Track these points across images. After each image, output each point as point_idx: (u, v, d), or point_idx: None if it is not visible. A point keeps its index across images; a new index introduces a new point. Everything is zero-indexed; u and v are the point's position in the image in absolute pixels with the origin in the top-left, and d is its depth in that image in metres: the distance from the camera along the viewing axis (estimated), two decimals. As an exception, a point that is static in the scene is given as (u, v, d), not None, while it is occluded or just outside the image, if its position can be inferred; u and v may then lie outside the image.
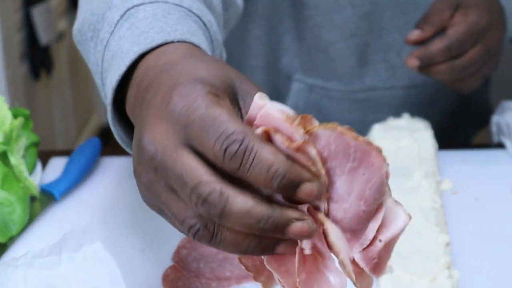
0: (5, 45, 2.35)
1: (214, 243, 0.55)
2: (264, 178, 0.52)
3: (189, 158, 0.55)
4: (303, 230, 0.53)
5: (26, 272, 0.81)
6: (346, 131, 0.55)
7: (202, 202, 0.53)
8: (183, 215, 0.56)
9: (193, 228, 0.55)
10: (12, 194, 0.95)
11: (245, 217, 0.52)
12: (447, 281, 0.78)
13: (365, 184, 0.55)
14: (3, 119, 1.01)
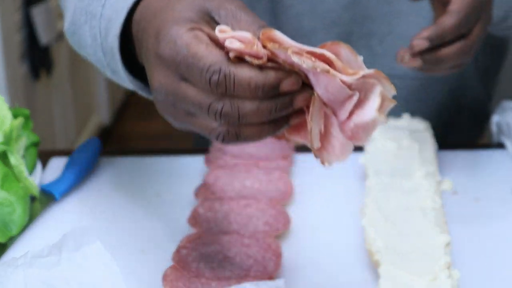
0: (5, 45, 2.35)
1: (241, 140, 0.68)
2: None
3: (189, 88, 0.68)
4: (293, 83, 0.66)
5: (26, 272, 0.81)
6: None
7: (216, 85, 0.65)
8: (209, 129, 0.68)
9: (220, 136, 0.68)
10: (12, 194, 0.95)
11: (249, 85, 0.65)
12: (447, 281, 0.79)
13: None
14: (3, 119, 1.01)
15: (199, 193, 1.00)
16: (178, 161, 1.14)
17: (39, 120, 2.70)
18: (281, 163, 1.07)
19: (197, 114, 0.69)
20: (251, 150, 1.09)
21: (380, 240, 0.85)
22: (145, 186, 1.07)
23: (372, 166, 1.01)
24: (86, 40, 0.88)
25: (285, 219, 0.93)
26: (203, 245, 0.87)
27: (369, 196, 0.94)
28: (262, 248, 0.86)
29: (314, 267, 0.88)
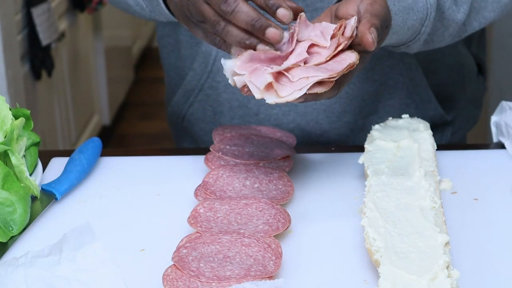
0: (6, 45, 2.35)
1: (223, 32, 0.93)
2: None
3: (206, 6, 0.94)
4: (276, 34, 0.91)
5: (27, 271, 0.81)
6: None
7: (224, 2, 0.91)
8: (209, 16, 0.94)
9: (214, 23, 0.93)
10: (13, 194, 0.95)
11: (245, 14, 0.91)
12: (447, 281, 0.79)
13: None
14: (4, 119, 1.01)
15: (199, 193, 1.01)
16: (178, 161, 1.14)
17: (40, 120, 2.70)
18: (281, 163, 1.07)
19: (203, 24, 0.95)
20: (251, 150, 1.10)
21: (380, 240, 0.85)
22: (145, 186, 1.07)
23: (371, 165, 1.01)
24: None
25: (285, 219, 0.93)
26: (203, 245, 0.87)
27: (368, 196, 0.94)
28: (262, 248, 0.87)
29: (314, 267, 0.88)
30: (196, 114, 1.30)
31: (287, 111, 1.24)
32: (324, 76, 0.89)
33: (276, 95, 0.89)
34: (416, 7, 1.05)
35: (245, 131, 1.15)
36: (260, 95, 0.90)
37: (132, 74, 4.50)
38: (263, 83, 0.90)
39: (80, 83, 3.30)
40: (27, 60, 2.62)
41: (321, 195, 1.04)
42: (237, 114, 1.26)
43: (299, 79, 0.90)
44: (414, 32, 1.07)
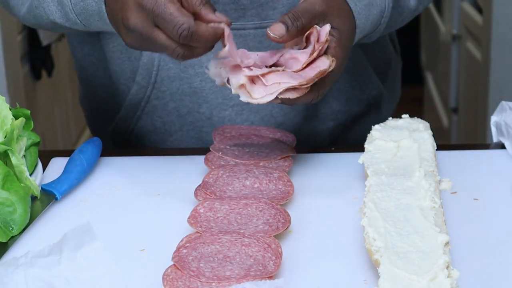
0: (6, 45, 2.35)
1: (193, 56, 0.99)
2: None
3: (160, 33, 0.97)
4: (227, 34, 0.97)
5: (27, 271, 0.81)
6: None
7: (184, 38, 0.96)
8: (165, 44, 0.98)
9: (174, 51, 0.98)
10: (13, 194, 0.95)
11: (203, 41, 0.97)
12: (447, 281, 0.79)
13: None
14: (4, 119, 1.01)
15: (199, 193, 1.01)
16: (178, 161, 1.14)
17: (40, 120, 2.70)
18: (281, 163, 1.07)
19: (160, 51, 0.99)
20: (251, 150, 1.10)
21: (380, 240, 0.85)
22: (145, 186, 1.07)
23: (371, 165, 1.01)
24: (50, 10, 1.12)
25: (285, 219, 0.93)
26: (203, 245, 0.87)
27: (368, 195, 0.94)
28: (262, 248, 0.87)
29: (314, 267, 0.88)
30: (145, 127, 1.28)
31: (239, 110, 1.23)
32: (294, 83, 0.95)
33: (250, 96, 0.96)
34: (375, 2, 1.10)
35: (245, 131, 1.16)
36: (234, 91, 0.97)
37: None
38: (237, 83, 0.97)
39: (80, 83, 3.30)
40: (27, 60, 2.62)
41: (321, 195, 1.04)
42: (187, 120, 1.25)
43: (272, 84, 0.96)
44: (375, 25, 1.12)
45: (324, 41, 0.98)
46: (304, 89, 0.96)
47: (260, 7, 1.19)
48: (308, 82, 0.96)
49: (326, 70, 0.97)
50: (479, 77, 2.82)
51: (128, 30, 0.98)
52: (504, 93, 2.56)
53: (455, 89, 3.34)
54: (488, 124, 1.21)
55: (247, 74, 0.96)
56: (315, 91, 0.99)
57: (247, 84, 0.96)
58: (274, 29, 0.99)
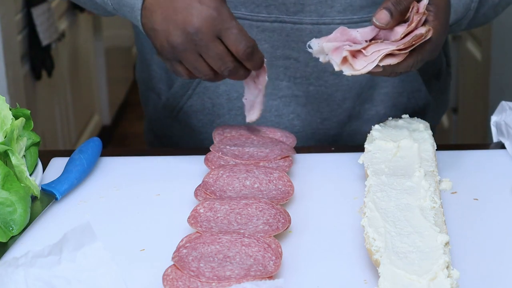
0: (6, 45, 2.35)
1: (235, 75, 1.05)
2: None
3: (221, 45, 1.03)
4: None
5: (27, 271, 0.81)
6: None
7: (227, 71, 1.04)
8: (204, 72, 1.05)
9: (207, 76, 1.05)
10: (13, 194, 0.95)
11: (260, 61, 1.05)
12: (447, 281, 0.79)
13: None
14: (4, 119, 1.01)
15: (199, 193, 1.01)
16: (178, 161, 1.14)
17: (40, 120, 2.70)
18: (281, 163, 1.07)
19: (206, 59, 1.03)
20: (251, 150, 1.10)
21: (380, 240, 0.85)
22: (145, 186, 1.07)
23: (371, 165, 1.01)
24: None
25: (285, 219, 0.93)
26: (203, 245, 0.87)
27: (368, 195, 0.94)
28: (262, 248, 0.87)
29: (314, 267, 0.88)
30: (195, 106, 1.31)
31: (287, 101, 1.26)
32: (393, 47, 1.00)
33: (352, 68, 1.01)
34: None
35: (245, 131, 1.16)
36: (338, 68, 1.02)
37: (132, 74, 4.50)
38: (340, 58, 1.01)
39: (80, 83, 3.30)
40: (27, 60, 2.62)
41: (321, 195, 1.04)
42: (235, 105, 1.28)
43: (372, 53, 1.00)
44: (466, 8, 1.15)
45: (422, 13, 1.01)
46: (402, 55, 1.00)
47: (319, 4, 1.20)
48: (406, 46, 1.00)
49: (422, 34, 1.00)
50: (479, 77, 2.82)
51: (170, 46, 1.03)
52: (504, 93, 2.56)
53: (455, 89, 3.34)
54: (488, 124, 1.21)
55: (348, 49, 1.01)
56: (414, 57, 1.02)
57: (349, 57, 1.01)
58: (380, 17, 1.02)
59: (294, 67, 1.23)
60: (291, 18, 1.21)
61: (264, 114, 1.26)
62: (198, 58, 1.03)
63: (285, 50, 1.23)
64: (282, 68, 1.24)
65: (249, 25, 1.22)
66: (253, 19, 1.22)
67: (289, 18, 1.21)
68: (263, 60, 1.06)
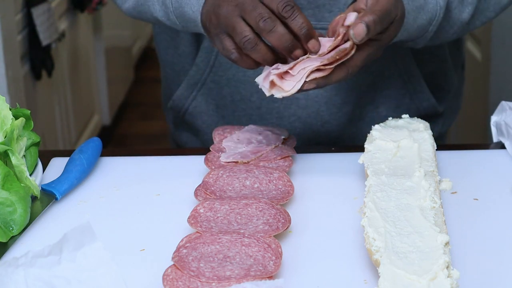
0: (6, 45, 2.35)
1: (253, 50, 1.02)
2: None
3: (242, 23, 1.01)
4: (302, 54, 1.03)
5: (27, 271, 0.81)
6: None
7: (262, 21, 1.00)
8: (242, 30, 1.02)
9: (246, 37, 1.01)
10: (13, 194, 0.95)
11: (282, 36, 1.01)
12: (447, 281, 0.79)
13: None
14: (4, 119, 1.01)
15: (199, 193, 1.01)
16: (178, 161, 1.14)
17: (40, 120, 2.70)
18: (281, 163, 1.07)
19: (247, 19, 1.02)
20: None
21: (380, 240, 0.85)
22: (145, 186, 1.07)
23: (371, 165, 1.01)
24: (155, 8, 1.19)
25: (285, 219, 0.93)
26: (203, 245, 0.87)
27: (368, 195, 0.94)
28: (262, 248, 0.87)
29: (314, 267, 0.88)
30: (199, 108, 1.32)
31: (288, 104, 1.27)
32: (317, 64, 1.00)
33: (282, 90, 1.01)
34: (427, 7, 1.11)
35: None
36: (268, 93, 1.02)
37: (132, 74, 4.50)
38: (268, 83, 1.02)
39: (80, 83, 3.30)
40: (27, 60, 2.62)
41: (321, 195, 1.04)
42: (239, 107, 1.29)
43: (298, 72, 1.01)
44: (422, 30, 1.13)
45: (347, 26, 1.01)
46: (328, 69, 1.01)
47: (317, 8, 1.21)
48: (330, 61, 1.00)
49: (346, 49, 1.00)
50: (479, 77, 2.82)
51: (217, 17, 1.04)
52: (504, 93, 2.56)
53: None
54: (488, 124, 1.21)
55: (275, 72, 1.01)
56: (344, 69, 1.02)
57: (277, 80, 1.02)
58: (357, 32, 0.99)
59: None
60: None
61: (265, 116, 1.27)
62: (239, 20, 1.02)
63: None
64: None
65: None
66: None
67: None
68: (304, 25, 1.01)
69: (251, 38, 1.01)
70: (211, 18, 1.05)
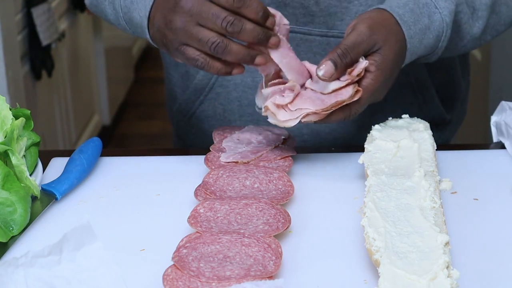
0: (6, 45, 2.35)
1: (225, 52, 1.02)
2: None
3: (203, 29, 1.01)
4: (261, 61, 1.04)
5: (27, 271, 0.81)
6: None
7: (229, 24, 1.01)
8: (208, 37, 1.01)
9: (214, 43, 1.01)
10: (13, 194, 0.95)
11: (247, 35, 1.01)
12: (447, 281, 0.79)
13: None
14: (4, 119, 1.01)
15: (199, 193, 1.01)
16: (178, 161, 1.14)
17: (40, 120, 2.70)
18: (281, 163, 1.07)
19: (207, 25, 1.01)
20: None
21: (380, 240, 0.85)
22: (145, 186, 1.07)
23: (371, 165, 1.01)
24: (106, 11, 1.19)
25: (285, 219, 0.93)
26: (203, 245, 0.87)
27: (368, 195, 0.94)
28: (262, 248, 0.87)
29: (314, 267, 0.88)
30: (206, 112, 1.32)
31: None
32: (312, 109, 1.02)
33: (277, 119, 1.04)
34: (433, 26, 1.11)
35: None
36: (263, 113, 1.05)
37: (132, 74, 4.50)
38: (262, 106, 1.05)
39: (80, 83, 3.30)
40: (27, 60, 2.62)
41: (321, 195, 1.04)
42: (246, 112, 1.29)
43: (296, 109, 1.03)
44: (431, 48, 1.13)
45: (356, 75, 1.03)
46: (322, 115, 1.02)
47: (329, 16, 1.21)
48: (326, 110, 1.02)
49: (343, 101, 1.02)
50: (479, 77, 2.82)
51: (173, 32, 1.03)
52: (504, 93, 2.56)
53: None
54: (488, 124, 1.21)
55: (274, 102, 1.04)
56: (346, 111, 1.04)
57: (272, 107, 1.03)
58: (325, 70, 1.02)
59: None
60: (301, 28, 1.22)
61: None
62: (199, 28, 1.02)
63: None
64: None
65: None
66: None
67: (298, 28, 1.22)
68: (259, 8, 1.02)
69: (220, 42, 1.01)
70: (166, 35, 1.05)
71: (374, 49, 1.05)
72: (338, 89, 1.03)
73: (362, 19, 1.05)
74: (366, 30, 1.04)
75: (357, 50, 1.03)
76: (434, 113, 1.32)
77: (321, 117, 1.03)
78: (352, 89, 1.03)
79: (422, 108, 1.31)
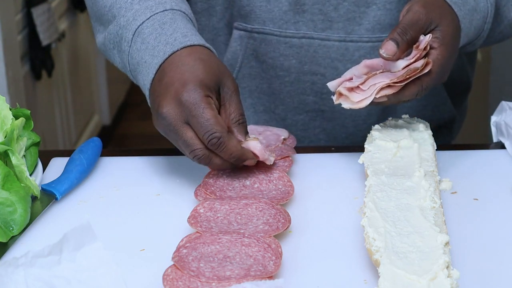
0: (6, 45, 2.35)
1: (209, 164, 1.00)
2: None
3: (189, 132, 0.99)
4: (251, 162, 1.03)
5: (27, 271, 0.81)
6: None
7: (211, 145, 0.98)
8: (192, 148, 0.99)
9: (197, 156, 0.99)
10: (13, 194, 0.95)
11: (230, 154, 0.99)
12: (447, 281, 0.79)
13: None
14: (4, 119, 1.01)
15: (199, 193, 1.01)
16: (178, 161, 1.14)
17: (40, 120, 2.70)
18: (281, 163, 1.07)
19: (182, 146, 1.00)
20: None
21: (380, 240, 0.85)
22: (145, 186, 1.07)
23: (371, 165, 1.01)
24: (115, 59, 1.16)
25: (285, 219, 0.93)
26: (203, 245, 0.87)
27: (368, 195, 0.94)
28: (262, 248, 0.87)
29: (314, 267, 0.88)
30: None
31: (313, 116, 1.28)
32: (387, 81, 1.02)
33: (350, 101, 1.04)
34: (478, 7, 1.13)
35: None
36: (336, 102, 1.05)
37: (132, 74, 4.49)
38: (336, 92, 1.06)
39: (80, 83, 3.30)
40: (27, 60, 2.62)
41: (321, 195, 1.04)
42: (261, 118, 1.29)
43: (369, 87, 1.03)
44: (479, 30, 1.15)
45: (422, 49, 1.03)
46: (397, 87, 1.02)
47: (347, 21, 1.21)
48: (399, 79, 1.02)
49: (417, 68, 1.02)
50: (479, 77, 2.82)
51: (159, 116, 1.00)
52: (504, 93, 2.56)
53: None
54: (488, 124, 1.21)
55: (345, 86, 1.04)
56: (417, 85, 1.03)
57: (344, 91, 1.04)
58: (386, 49, 1.03)
59: (321, 82, 1.24)
60: (319, 34, 1.22)
61: (289, 128, 1.27)
62: (178, 142, 1.01)
63: (312, 65, 1.24)
64: (309, 83, 1.25)
65: (277, 41, 1.24)
66: (281, 35, 1.23)
67: (317, 34, 1.22)
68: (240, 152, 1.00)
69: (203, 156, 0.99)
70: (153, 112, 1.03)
71: (432, 26, 1.05)
72: (408, 65, 1.03)
73: (416, 1, 1.06)
74: (422, 9, 1.05)
75: (415, 27, 1.04)
76: (446, 116, 1.33)
77: (396, 89, 1.02)
78: (422, 62, 1.03)
79: (435, 111, 1.32)
